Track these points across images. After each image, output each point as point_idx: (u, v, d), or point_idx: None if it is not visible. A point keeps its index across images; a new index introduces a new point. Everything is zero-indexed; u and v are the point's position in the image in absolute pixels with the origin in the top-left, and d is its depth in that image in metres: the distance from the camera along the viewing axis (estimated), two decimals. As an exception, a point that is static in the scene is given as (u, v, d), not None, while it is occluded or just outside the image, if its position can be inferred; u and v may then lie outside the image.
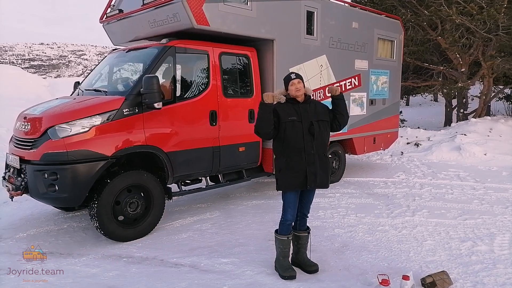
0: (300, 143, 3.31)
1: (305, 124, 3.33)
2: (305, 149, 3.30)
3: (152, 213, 4.55)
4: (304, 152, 3.30)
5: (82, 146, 4.00)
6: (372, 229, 4.72)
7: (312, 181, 3.32)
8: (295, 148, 3.31)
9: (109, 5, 5.82)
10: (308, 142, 3.32)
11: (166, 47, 4.65)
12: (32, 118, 4.30)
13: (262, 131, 3.35)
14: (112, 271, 3.61)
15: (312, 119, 3.36)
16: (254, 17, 5.29)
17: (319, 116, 3.40)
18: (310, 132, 3.32)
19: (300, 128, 3.31)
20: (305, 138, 3.31)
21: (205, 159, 5.05)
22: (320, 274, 3.53)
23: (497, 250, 4.03)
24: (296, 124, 3.32)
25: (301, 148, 3.30)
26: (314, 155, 3.33)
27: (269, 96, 3.27)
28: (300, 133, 3.31)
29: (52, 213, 5.40)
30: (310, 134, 3.32)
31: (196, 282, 3.39)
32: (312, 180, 3.31)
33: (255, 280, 3.41)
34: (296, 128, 3.31)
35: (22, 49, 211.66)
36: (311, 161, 3.31)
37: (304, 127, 3.32)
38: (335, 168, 7.33)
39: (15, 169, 4.35)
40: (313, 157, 3.32)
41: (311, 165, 3.31)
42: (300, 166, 3.30)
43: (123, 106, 4.23)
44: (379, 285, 2.75)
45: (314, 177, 3.32)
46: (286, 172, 3.31)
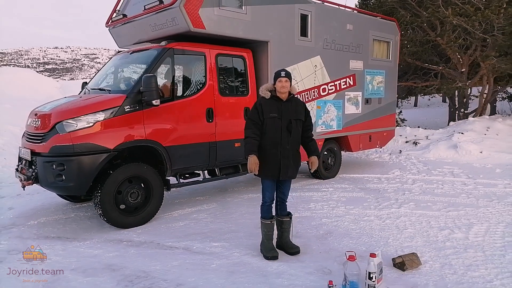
0: (278, 138, 3.65)
1: (284, 122, 3.66)
2: (281, 144, 3.65)
3: (151, 203, 4.91)
4: (281, 146, 3.65)
5: (87, 140, 4.38)
6: (358, 219, 5.00)
7: (284, 173, 3.70)
8: (273, 142, 3.65)
9: (114, 10, 6.23)
10: (285, 137, 3.66)
11: (165, 49, 5.02)
12: (42, 114, 4.70)
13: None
14: (112, 252, 3.97)
15: (291, 117, 3.69)
16: (249, 21, 5.63)
17: (297, 115, 3.74)
18: (288, 129, 3.67)
19: (279, 125, 3.65)
20: (282, 134, 3.66)
21: (202, 153, 5.40)
22: (301, 255, 3.84)
23: (471, 237, 4.27)
24: (276, 121, 3.65)
25: (278, 142, 3.65)
26: (289, 150, 3.69)
27: (252, 166, 3.60)
28: (279, 129, 3.65)
29: (61, 204, 5.81)
30: (287, 130, 3.67)
31: (187, 261, 3.72)
32: (284, 172, 3.69)
33: (241, 260, 3.74)
34: (275, 124, 3.65)
35: (37, 53, 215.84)
36: (285, 155, 3.66)
37: (283, 124, 3.66)
38: (331, 165, 7.61)
39: (27, 161, 4.76)
40: (287, 152, 3.67)
41: (285, 158, 3.66)
42: (276, 158, 3.65)
43: (124, 103, 4.61)
44: (346, 260, 3.04)
45: (286, 169, 3.69)
46: (264, 163, 3.66)
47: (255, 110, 3.70)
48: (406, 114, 18.57)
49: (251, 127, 3.68)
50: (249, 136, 3.67)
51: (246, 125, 3.73)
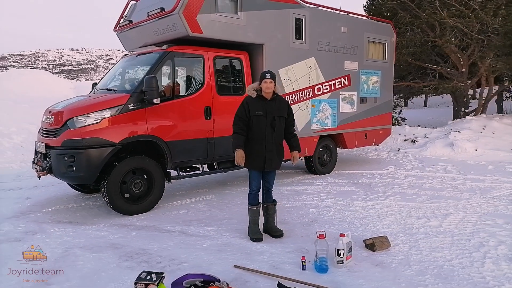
0: (263, 133, 4.08)
1: (268, 119, 4.08)
2: (265, 139, 4.08)
3: (153, 193, 5.38)
4: (265, 141, 4.09)
5: (95, 135, 4.87)
6: (344, 209, 5.38)
7: (269, 165, 4.15)
8: (259, 137, 4.09)
9: (121, 16, 6.74)
10: (269, 133, 4.09)
11: (166, 52, 5.49)
12: (55, 112, 5.22)
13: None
14: (116, 234, 4.45)
15: (275, 114, 4.11)
16: (244, 25, 6.06)
17: (280, 113, 4.16)
18: (272, 125, 4.10)
19: (264, 122, 4.07)
20: (267, 130, 4.08)
21: (200, 148, 5.85)
22: (284, 238, 4.25)
23: (445, 225, 4.62)
24: (261, 118, 4.07)
25: (263, 138, 4.08)
26: (273, 144, 4.13)
27: (239, 159, 4.04)
28: (263, 125, 4.07)
29: (73, 194, 6.34)
30: (271, 127, 4.10)
31: (182, 242, 4.17)
32: (269, 164, 4.14)
33: (229, 242, 4.17)
34: (260, 121, 4.07)
35: (54, 55, 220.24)
36: (269, 149, 4.10)
37: (267, 121, 4.08)
38: (326, 161, 7.99)
39: (42, 154, 5.28)
40: (271, 146, 4.11)
41: (269, 152, 4.11)
42: (261, 152, 4.09)
43: (128, 102, 5.09)
44: (317, 239, 3.44)
45: (270, 162, 4.14)
46: (250, 156, 4.09)
47: (242, 108, 4.13)
48: (414, 113, 18.74)
49: (238, 123, 4.11)
50: (237, 132, 4.10)
51: (234, 121, 4.16)
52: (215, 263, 3.62)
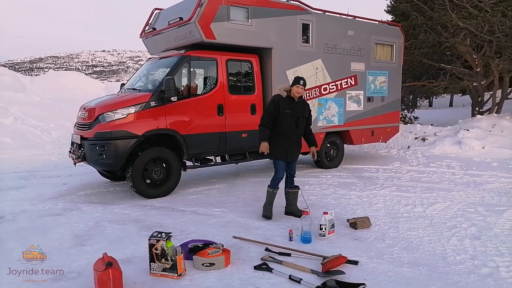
0: (288, 130, 4.74)
1: (294, 118, 4.74)
2: (290, 134, 4.75)
3: (171, 179, 6.14)
4: (289, 136, 4.76)
5: (122, 128, 5.67)
6: (340, 197, 5.93)
7: (291, 157, 4.87)
8: (284, 132, 4.74)
9: (147, 24, 7.56)
10: (293, 130, 4.77)
11: (183, 56, 6.23)
12: (88, 108, 6.07)
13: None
14: (138, 212, 5.23)
15: (300, 114, 4.78)
16: (254, 31, 6.73)
17: (304, 113, 4.85)
18: (296, 123, 4.77)
19: (290, 120, 4.73)
20: (292, 127, 4.75)
21: (213, 141, 6.55)
22: (279, 218, 4.90)
23: (428, 212, 5.10)
24: (289, 116, 4.72)
25: (287, 133, 4.74)
26: (295, 139, 4.83)
27: (263, 149, 4.69)
28: (289, 123, 4.73)
29: (103, 181, 7.21)
30: (295, 125, 4.77)
31: (192, 219, 4.89)
32: (290, 156, 4.85)
33: (232, 219, 4.86)
34: (287, 119, 4.72)
35: (87, 56, 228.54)
36: (292, 143, 4.80)
37: (293, 120, 4.74)
38: (333, 156, 8.52)
39: (77, 145, 6.15)
40: (294, 141, 4.81)
41: (292, 146, 4.81)
42: (284, 145, 4.76)
43: (150, 99, 5.86)
44: (303, 215, 4.05)
45: (292, 154, 4.85)
46: (275, 148, 4.76)
47: (273, 105, 4.74)
48: (436, 113, 18.71)
49: (267, 118, 4.75)
50: (264, 125, 4.75)
51: (264, 115, 4.83)
52: (218, 234, 4.30)
